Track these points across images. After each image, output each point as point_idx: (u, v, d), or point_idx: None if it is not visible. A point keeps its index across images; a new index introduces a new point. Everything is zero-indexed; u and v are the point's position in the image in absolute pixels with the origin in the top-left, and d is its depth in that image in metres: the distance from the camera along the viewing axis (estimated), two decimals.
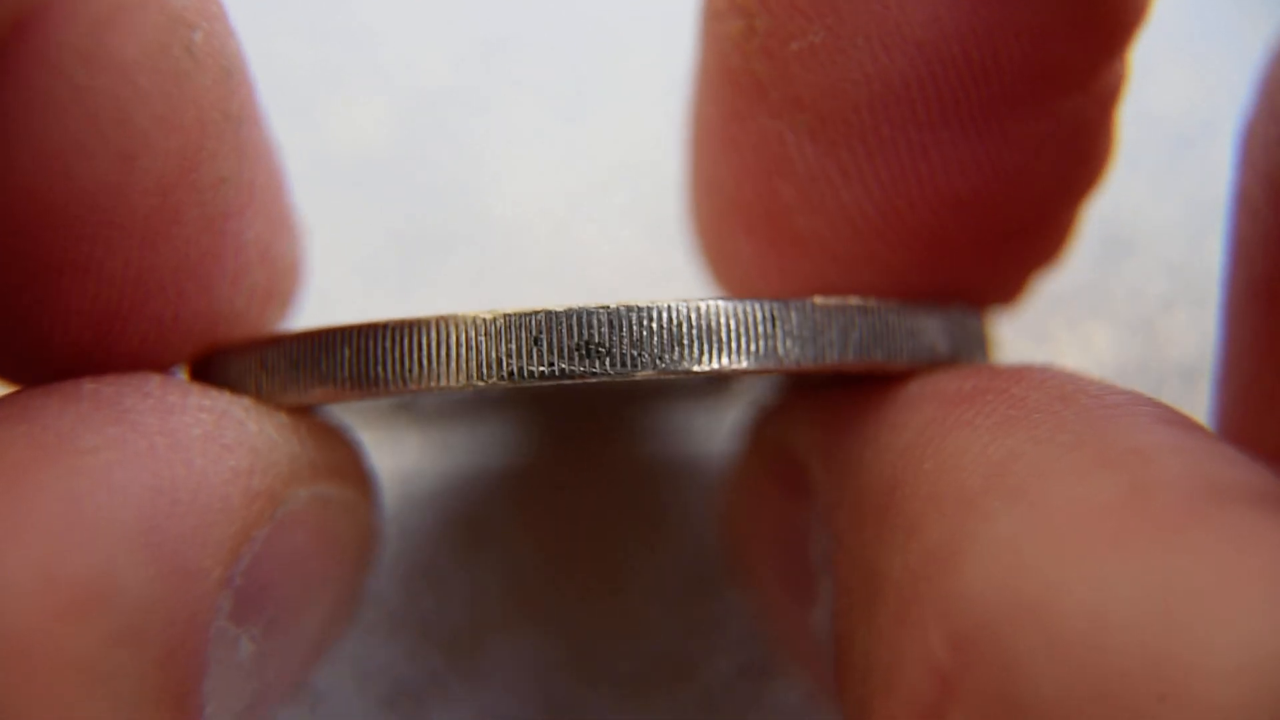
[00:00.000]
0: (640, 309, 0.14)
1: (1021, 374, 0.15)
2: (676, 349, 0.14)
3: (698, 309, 0.14)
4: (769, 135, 0.15)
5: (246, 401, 0.15)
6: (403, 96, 0.25)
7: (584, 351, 0.14)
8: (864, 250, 0.16)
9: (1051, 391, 0.14)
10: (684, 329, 0.14)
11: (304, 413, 0.16)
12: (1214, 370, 0.16)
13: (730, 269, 0.17)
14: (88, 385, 0.14)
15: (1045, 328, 0.23)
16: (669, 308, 0.14)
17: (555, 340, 0.14)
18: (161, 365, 0.16)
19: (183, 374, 0.16)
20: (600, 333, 0.14)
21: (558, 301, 0.14)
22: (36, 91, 0.13)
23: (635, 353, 0.14)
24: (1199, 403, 0.22)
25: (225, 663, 0.15)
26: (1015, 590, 0.12)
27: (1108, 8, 0.14)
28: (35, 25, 0.13)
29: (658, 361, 0.14)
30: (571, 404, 0.19)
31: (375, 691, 0.21)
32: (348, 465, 0.17)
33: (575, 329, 0.14)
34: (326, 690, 0.21)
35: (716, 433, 0.22)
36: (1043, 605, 0.12)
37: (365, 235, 0.24)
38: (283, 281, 0.17)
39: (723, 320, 0.14)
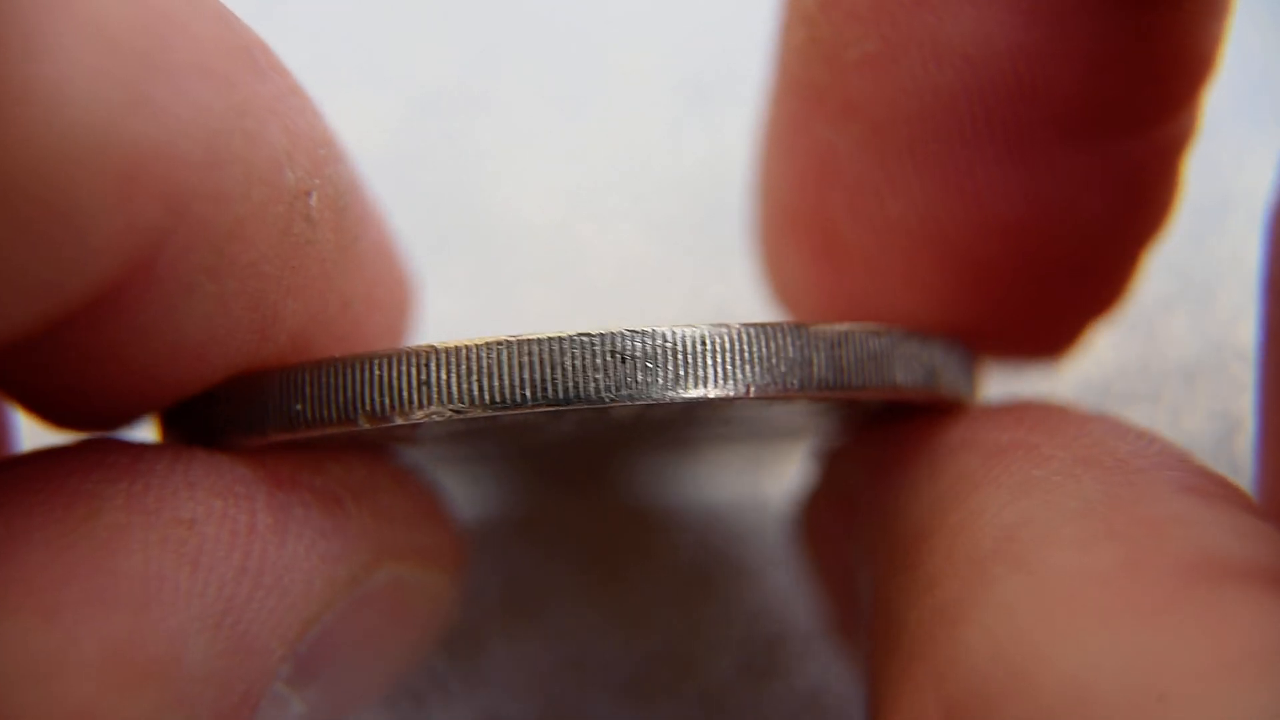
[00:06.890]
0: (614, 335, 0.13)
1: (1058, 427, 0.14)
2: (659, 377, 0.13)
3: (674, 333, 0.13)
4: (823, 143, 0.15)
5: (355, 484, 0.15)
6: (402, 97, 0.25)
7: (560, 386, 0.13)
8: (908, 269, 0.16)
9: (1079, 451, 0.14)
10: (663, 356, 0.13)
11: (403, 483, 0.16)
12: (1255, 444, 0.16)
13: (785, 282, 0.17)
14: (201, 451, 0.14)
15: None
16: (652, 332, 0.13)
17: (531, 373, 0.13)
18: None
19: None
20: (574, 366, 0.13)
21: (551, 309, 0.14)
22: (167, 307, 0.13)
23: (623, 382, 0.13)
24: (1199, 402, 0.22)
25: None
26: (1008, 659, 0.12)
27: (1168, 55, 0.14)
28: (159, 255, 0.12)
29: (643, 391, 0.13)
30: (566, 448, 0.18)
31: None
32: (433, 544, 0.17)
33: (548, 360, 0.13)
34: None
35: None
36: (1031, 676, 0.11)
37: None
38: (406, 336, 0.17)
39: (703, 346, 0.13)
